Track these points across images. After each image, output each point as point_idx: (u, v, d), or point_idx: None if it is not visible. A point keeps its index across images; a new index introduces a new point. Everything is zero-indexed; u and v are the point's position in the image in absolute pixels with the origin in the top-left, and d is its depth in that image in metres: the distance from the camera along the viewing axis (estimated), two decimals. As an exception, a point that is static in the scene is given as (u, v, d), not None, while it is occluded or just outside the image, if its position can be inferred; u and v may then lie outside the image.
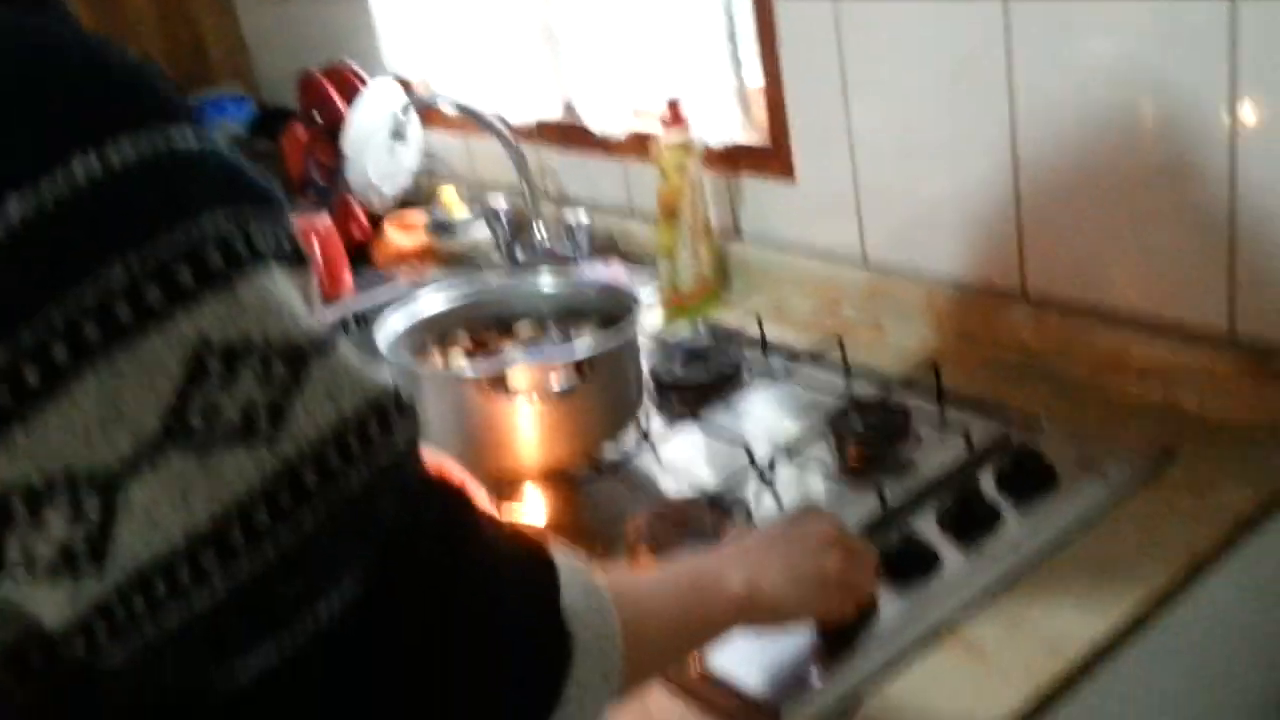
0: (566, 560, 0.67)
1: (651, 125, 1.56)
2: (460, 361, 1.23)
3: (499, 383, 1.09)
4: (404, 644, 0.56)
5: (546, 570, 0.65)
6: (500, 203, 1.89)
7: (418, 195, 2.18)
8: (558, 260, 1.80)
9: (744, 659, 0.89)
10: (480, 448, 1.13)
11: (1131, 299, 1.16)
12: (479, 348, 1.26)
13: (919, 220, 1.35)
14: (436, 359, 1.24)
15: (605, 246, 1.81)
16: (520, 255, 1.89)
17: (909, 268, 1.38)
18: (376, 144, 2.03)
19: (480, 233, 1.96)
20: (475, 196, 2.02)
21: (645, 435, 1.26)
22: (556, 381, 1.10)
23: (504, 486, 1.19)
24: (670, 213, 1.50)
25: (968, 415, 1.18)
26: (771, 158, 1.49)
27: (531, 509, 1.15)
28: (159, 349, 0.49)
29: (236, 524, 0.50)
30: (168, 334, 0.50)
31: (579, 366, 1.10)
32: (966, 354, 1.29)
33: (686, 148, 1.48)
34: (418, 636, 0.56)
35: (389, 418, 0.56)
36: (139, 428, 0.49)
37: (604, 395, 1.15)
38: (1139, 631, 0.88)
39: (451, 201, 2.00)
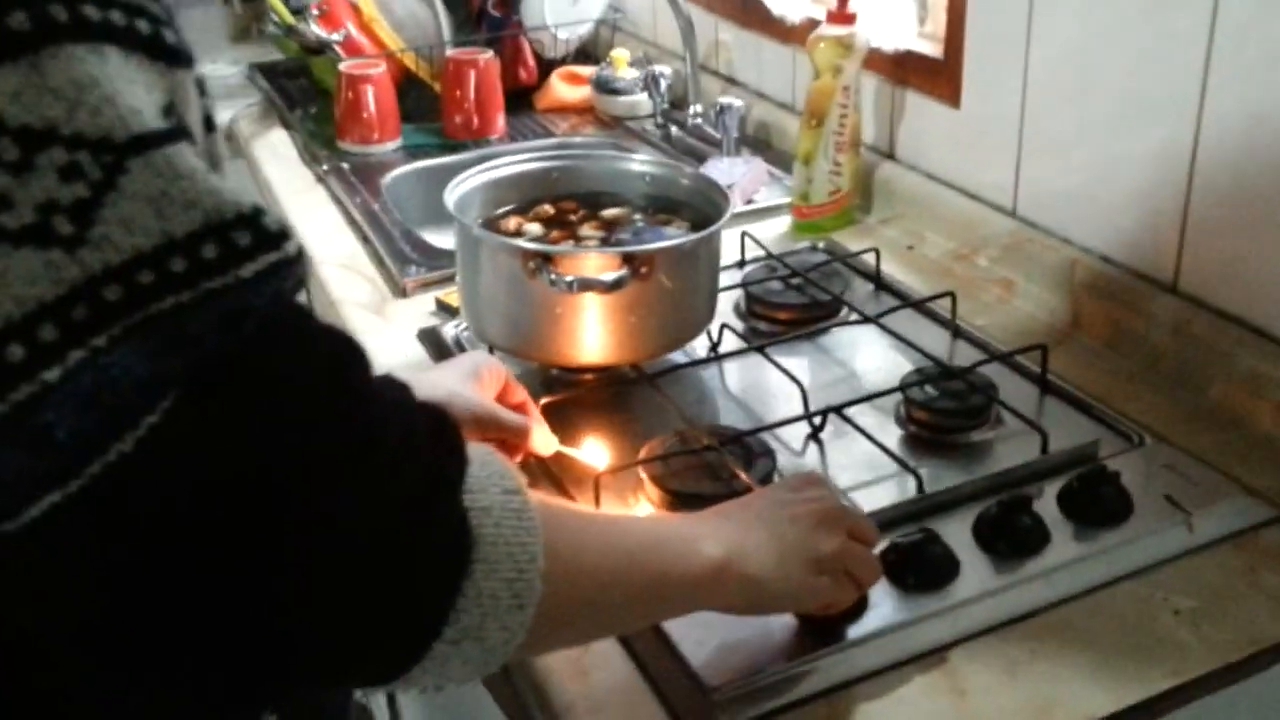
0: (489, 457, 0.58)
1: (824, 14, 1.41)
2: (531, 230, 1.15)
3: (545, 262, 0.99)
4: (234, 513, 0.47)
5: (448, 451, 0.55)
6: (663, 70, 1.77)
7: (596, 48, 2.08)
8: (704, 142, 1.68)
9: (702, 622, 0.77)
10: (524, 330, 1.05)
11: (1293, 324, 0.98)
12: (558, 223, 1.17)
13: (1080, 177, 1.17)
14: (509, 224, 1.15)
15: (758, 138, 1.68)
16: (673, 130, 1.78)
17: (1058, 228, 1.21)
18: (558, -15, 1.93)
19: (641, 99, 1.85)
20: (650, 59, 1.91)
21: (715, 350, 1.15)
22: (606, 274, 0.99)
23: (547, 377, 1.11)
24: (816, 115, 1.36)
25: (1066, 410, 1.02)
26: (941, 74, 1.32)
27: (559, 404, 1.06)
28: None
29: (17, 337, 0.43)
30: None
31: (632, 262, 0.99)
32: (1093, 339, 1.12)
33: (847, 45, 1.32)
34: (255, 502, 0.47)
35: (234, 242, 0.47)
36: None
37: (662, 300, 1.03)
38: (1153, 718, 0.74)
39: (621, 61, 1.89)
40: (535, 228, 1.15)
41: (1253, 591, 0.81)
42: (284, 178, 1.70)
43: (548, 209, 1.18)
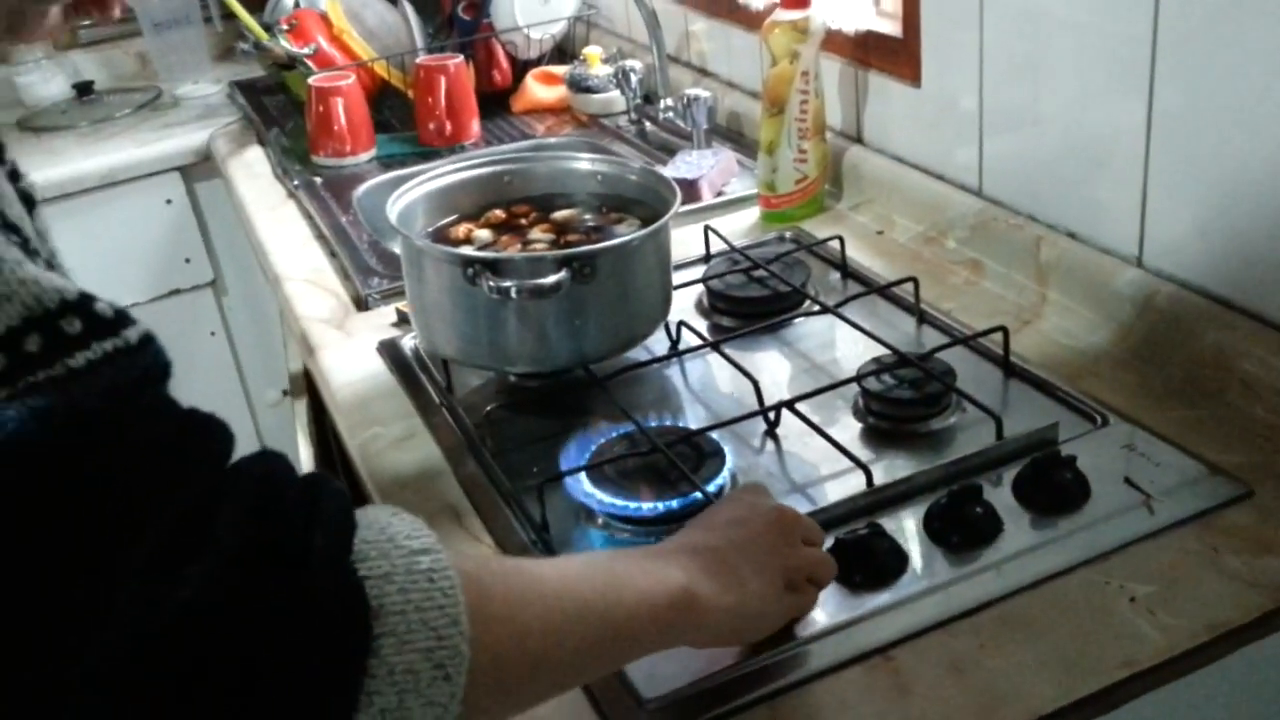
0: (392, 519, 0.54)
1: (783, -1, 1.38)
2: (481, 237, 1.13)
3: (484, 269, 0.97)
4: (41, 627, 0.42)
5: (324, 520, 0.50)
6: (634, 65, 1.75)
7: (572, 46, 2.06)
8: (676, 136, 1.65)
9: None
10: (471, 339, 1.03)
11: (1258, 296, 0.94)
12: (509, 227, 1.15)
13: (1042, 153, 1.13)
14: (459, 232, 1.14)
15: (730, 129, 1.65)
16: (647, 126, 1.75)
17: (1023, 206, 1.17)
18: (528, -15, 1.91)
19: (615, 96, 1.83)
20: (624, 55, 1.88)
21: (674, 348, 1.13)
22: (544, 278, 0.97)
23: (503, 384, 1.09)
24: (776, 103, 1.33)
25: (1029, 392, 0.99)
26: (900, 53, 1.29)
27: (511, 412, 1.04)
28: None
29: None
30: None
31: (571, 265, 0.97)
32: (1060, 317, 1.09)
33: (802, 29, 1.29)
34: (66, 611, 0.43)
35: (59, 334, 0.45)
36: None
37: (608, 301, 1.01)
38: (1104, 712, 0.71)
39: (594, 58, 1.87)
40: (485, 234, 1.13)
41: (1213, 574, 0.78)
42: (256, 195, 1.69)
43: (499, 214, 1.16)
